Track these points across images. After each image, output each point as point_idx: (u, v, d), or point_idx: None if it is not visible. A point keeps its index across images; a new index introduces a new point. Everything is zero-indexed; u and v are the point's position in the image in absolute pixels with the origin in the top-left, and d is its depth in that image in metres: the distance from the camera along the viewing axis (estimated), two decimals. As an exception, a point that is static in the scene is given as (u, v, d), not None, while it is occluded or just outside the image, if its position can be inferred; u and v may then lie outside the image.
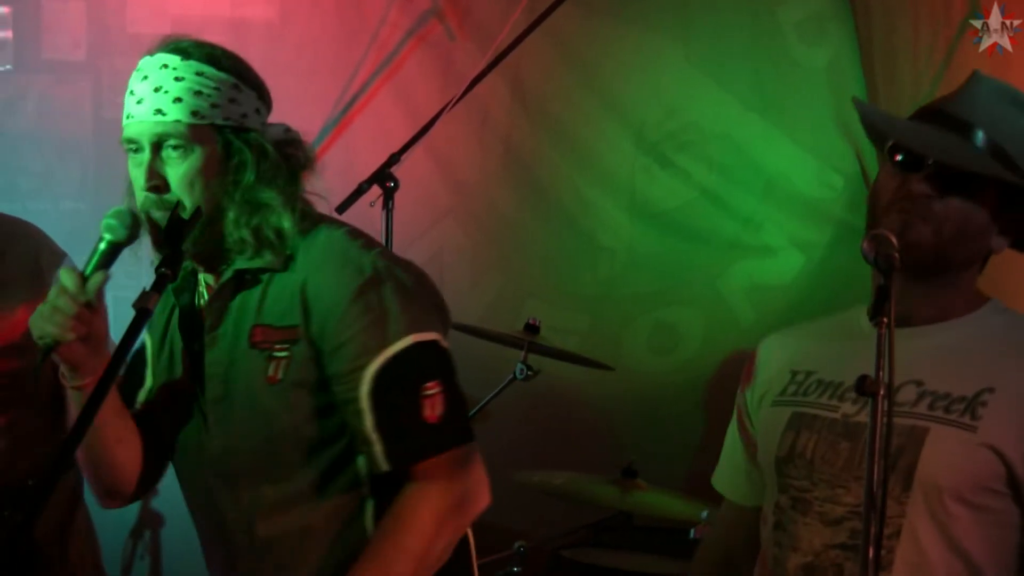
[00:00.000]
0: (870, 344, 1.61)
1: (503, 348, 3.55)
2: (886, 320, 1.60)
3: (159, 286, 1.86)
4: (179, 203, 1.92)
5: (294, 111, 2.16)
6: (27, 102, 3.84)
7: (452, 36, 3.98)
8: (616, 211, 4.07)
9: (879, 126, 1.94)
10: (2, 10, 3.81)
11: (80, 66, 3.84)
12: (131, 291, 1.87)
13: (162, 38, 1.99)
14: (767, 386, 2.02)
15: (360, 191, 3.35)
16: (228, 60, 1.99)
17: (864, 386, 1.57)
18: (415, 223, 3.88)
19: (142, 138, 1.93)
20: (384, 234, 3.37)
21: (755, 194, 4.04)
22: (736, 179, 4.03)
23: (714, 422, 3.75)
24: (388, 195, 3.38)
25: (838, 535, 1.83)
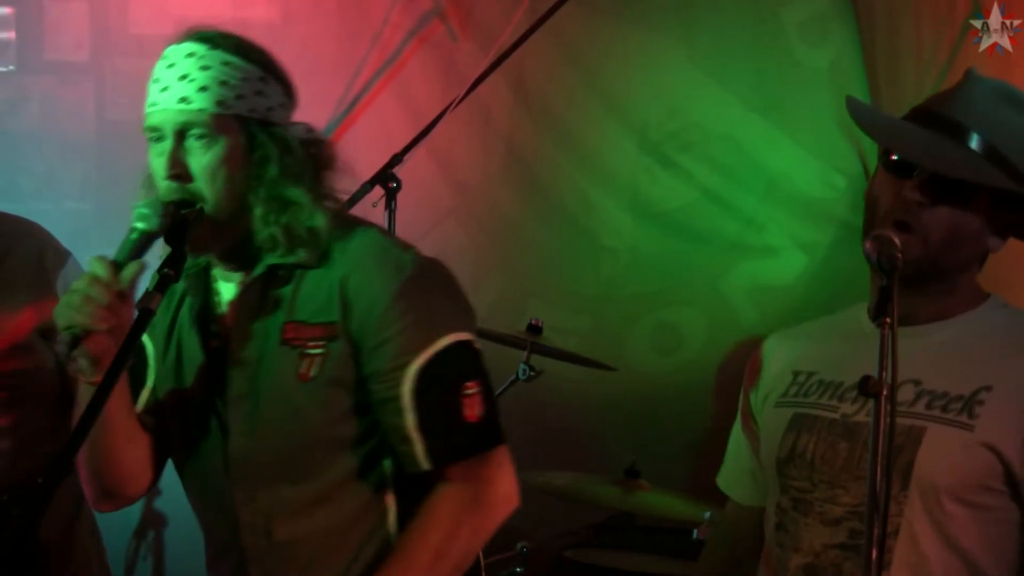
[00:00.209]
0: (871, 344, 1.62)
1: (505, 349, 3.54)
2: (889, 321, 1.60)
3: (162, 286, 1.83)
4: (180, 203, 1.87)
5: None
6: (30, 103, 3.83)
7: (454, 36, 3.98)
8: (618, 211, 4.07)
9: (870, 130, 1.93)
10: (5, 11, 3.81)
11: (83, 67, 3.83)
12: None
13: (187, 28, 1.95)
14: (770, 387, 2.02)
15: (362, 192, 3.35)
16: (256, 52, 1.94)
17: (867, 387, 1.57)
18: (417, 224, 3.87)
19: (165, 126, 1.88)
20: (386, 235, 3.36)
21: (757, 194, 4.03)
22: (738, 179, 4.03)
23: (717, 422, 3.74)
24: (390, 196, 3.38)
25: (837, 535, 1.84)
